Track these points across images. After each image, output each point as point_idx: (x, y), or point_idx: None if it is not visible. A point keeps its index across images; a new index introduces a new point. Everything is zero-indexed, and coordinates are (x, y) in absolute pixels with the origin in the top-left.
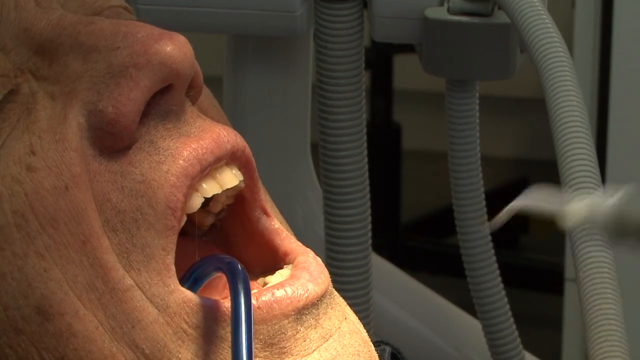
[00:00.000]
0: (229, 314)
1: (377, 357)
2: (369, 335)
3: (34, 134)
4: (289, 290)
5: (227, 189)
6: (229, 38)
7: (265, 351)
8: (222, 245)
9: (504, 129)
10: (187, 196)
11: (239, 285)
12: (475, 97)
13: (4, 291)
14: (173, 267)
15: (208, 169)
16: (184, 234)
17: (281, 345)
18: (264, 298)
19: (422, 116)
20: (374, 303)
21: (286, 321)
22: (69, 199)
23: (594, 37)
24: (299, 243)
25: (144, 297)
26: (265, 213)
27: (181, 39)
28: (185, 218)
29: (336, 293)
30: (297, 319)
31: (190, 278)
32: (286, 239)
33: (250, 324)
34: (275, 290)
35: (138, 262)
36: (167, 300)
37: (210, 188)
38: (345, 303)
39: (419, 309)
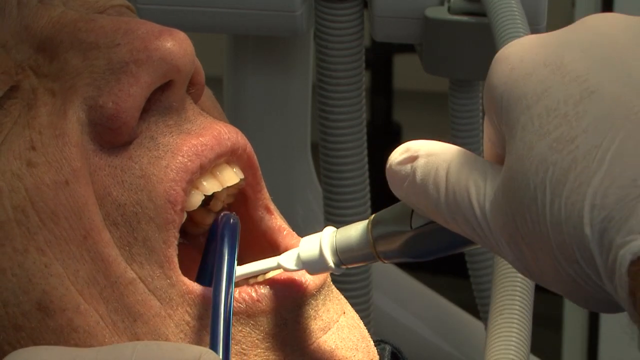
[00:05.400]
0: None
1: (376, 353)
2: (369, 334)
3: (34, 129)
4: (287, 282)
5: (228, 187)
6: (229, 38)
7: (267, 342)
8: None
9: None
10: (187, 191)
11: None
12: (479, 97)
13: (4, 287)
14: (175, 260)
15: (208, 166)
16: (184, 234)
17: (283, 335)
18: (262, 290)
19: (422, 116)
20: (374, 303)
21: (285, 312)
22: (69, 193)
23: None
24: (300, 239)
25: (146, 290)
26: (269, 211)
27: (181, 35)
28: (185, 215)
29: (334, 287)
30: (297, 309)
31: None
32: (288, 236)
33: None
34: (275, 282)
35: (140, 255)
36: (169, 292)
37: (210, 186)
38: (345, 300)
39: (419, 309)
